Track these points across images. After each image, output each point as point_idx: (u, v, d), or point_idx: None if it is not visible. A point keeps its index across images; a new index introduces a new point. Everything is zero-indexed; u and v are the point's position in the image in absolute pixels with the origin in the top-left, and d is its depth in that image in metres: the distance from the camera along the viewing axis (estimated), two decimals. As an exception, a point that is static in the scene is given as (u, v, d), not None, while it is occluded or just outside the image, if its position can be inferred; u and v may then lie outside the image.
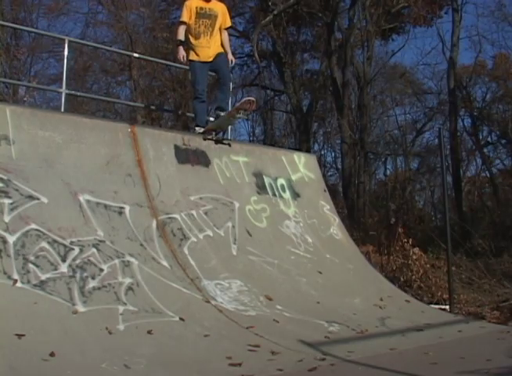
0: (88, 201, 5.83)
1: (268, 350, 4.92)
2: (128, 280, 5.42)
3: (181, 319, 5.20)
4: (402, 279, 11.04)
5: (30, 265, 4.98)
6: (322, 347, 5.14)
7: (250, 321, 5.54)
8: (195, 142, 7.26)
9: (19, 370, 3.92)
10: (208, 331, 5.12)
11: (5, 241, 5.01)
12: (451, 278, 8.85)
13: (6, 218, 5.16)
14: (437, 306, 9.43)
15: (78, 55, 18.14)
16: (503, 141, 25.78)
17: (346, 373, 4.50)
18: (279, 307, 6.04)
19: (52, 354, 4.13)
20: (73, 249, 5.35)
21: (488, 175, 25.37)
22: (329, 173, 31.52)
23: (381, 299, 7.09)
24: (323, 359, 4.78)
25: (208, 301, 5.67)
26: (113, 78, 21.40)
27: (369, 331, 5.85)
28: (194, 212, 6.66)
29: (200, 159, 7.15)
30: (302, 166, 8.30)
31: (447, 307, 9.66)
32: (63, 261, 5.21)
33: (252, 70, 30.39)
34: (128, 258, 5.64)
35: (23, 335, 4.27)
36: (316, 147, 31.82)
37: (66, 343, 4.37)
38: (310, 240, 7.55)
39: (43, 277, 4.96)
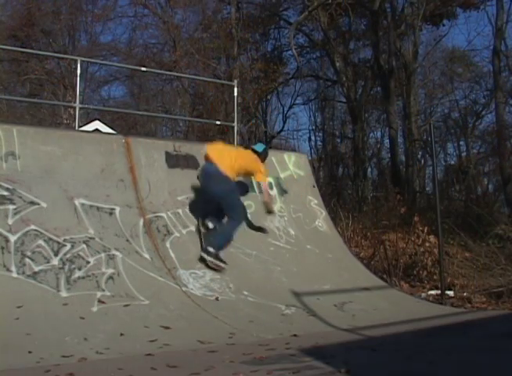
0: (82, 204, 6.95)
1: (215, 327, 5.87)
2: (110, 271, 6.49)
3: (150, 302, 6.22)
4: (417, 266, 11.63)
5: (27, 260, 6.14)
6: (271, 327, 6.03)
7: (213, 305, 6.49)
8: (185, 147, 8.23)
9: (10, 345, 5.03)
10: (170, 313, 6.12)
11: (7, 240, 6.19)
12: (442, 267, 9.38)
13: (10, 221, 6.35)
14: (434, 292, 10.01)
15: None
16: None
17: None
18: (245, 293, 6.94)
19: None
20: (65, 245, 6.47)
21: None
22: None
23: (353, 286, 7.81)
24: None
25: (179, 288, 6.66)
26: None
27: (319, 314, 6.64)
28: (180, 211, 7.66)
29: (189, 163, 8.12)
30: (292, 164, 9.10)
31: (451, 292, 10.21)
32: (56, 255, 6.34)
33: (308, 59, 31.11)
34: (113, 251, 6.71)
35: (11, 316, 5.42)
36: (378, 134, 32.17)
37: (44, 322, 5.48)
38: (293, 232, 8.37)
39: (36, 269, 6.11)
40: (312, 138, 33.49)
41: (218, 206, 7.30)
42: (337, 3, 22.81)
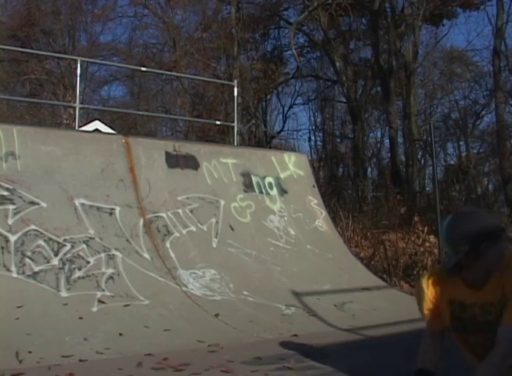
0: (82, 204, 6.94)
1: (215, 327, 5.87)
2: (110, 271, 6.48)
3: (150, 302, 6.22)
4: (417, 266, 11.64)
5: (27, 260, 6.13)
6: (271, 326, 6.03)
7: (212, 304, 6.48)
8: (185, 147, 8.23)
9: (10, 345, 5.03)
10: (170, 313, 6.11)
11: (7, 240, 6.18)
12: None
13: (10, 221, 6.34)
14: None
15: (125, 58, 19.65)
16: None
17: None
18: (245, 293, 6.94)
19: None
20: (65, 245, 6.47)
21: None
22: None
23: (353, 286, 7.81)
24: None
25: (179, 288, 6.65)
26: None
27: (319, 314, 6.64)
28: (180, 211, 7.64)
29: (189, 163, 8.12)
30: (292, 164, 9.10)
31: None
32: (56, 255, 6.34)
33: (308, 59, 31.14)
34: (113, 252, 6.71)
35: (11, 316, 5.42)
36: (378, 134, 32.24)
37: (44, 322, 5.48)
38: (293, 232, 8.37)
39: (36, 269, 6.10)
40: (312, 138, 33.49)
41: None
42: (337, 3, 22.79)
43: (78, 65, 8.78)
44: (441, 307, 2.97)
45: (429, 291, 2.97)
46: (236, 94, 10.23)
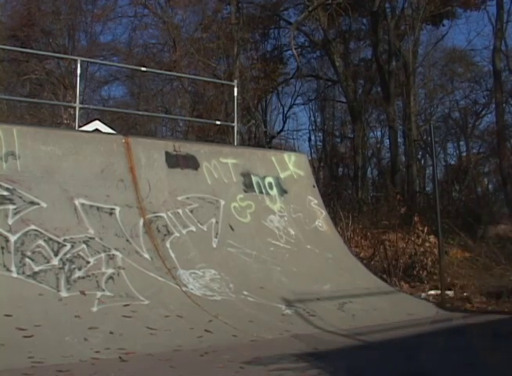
0: (82, 204, 6.94)
1: (215, 327, 5.87)
2: (110, 271, 6.49)
3: (150, 302, 6.22)
4: (416, 266, 11.63)
5: (27, 260, 6.13)
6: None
7: (213, 305, 6.48)
8: (185, 147, 8.23)
9: (10, 344, 5.03)
10: (170, 313, 6.11)
11: (7, 240, 6.18)
12: (442, 267, 9.37)
13: (10, 221, 6.34)
14: (434, 292, 10.00)
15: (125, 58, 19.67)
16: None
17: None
18: (245, 293, 6.94)
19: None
20: (65, 245, 6.47)
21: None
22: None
23: (353, 286, 7.81)
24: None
25: (179, 288, 6.65)
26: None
27: (319, 314, 6.64)
28: (180, 211, 7.65)
29: (189, 163, 8.12)
30: (292, 164, 9.10)
31: (451, 292, 10.19)
32: (56, 255, 6.34)
33: (308, 59, 31.12)
34: (113, 252, 6.71)
35: (11, 316, 5.42)
36: (378, 134, 32.29)
37: (44, 322, 5.47)
38: (293, 232, 8.37)
39: (36, 269, 6.10)
40: (312, 138, 33.43)
41: None
42: (337, 3, 22.76)
43: (78, 65, 8.79)
44: None
45: None
46: (236, 94, 10.22)
